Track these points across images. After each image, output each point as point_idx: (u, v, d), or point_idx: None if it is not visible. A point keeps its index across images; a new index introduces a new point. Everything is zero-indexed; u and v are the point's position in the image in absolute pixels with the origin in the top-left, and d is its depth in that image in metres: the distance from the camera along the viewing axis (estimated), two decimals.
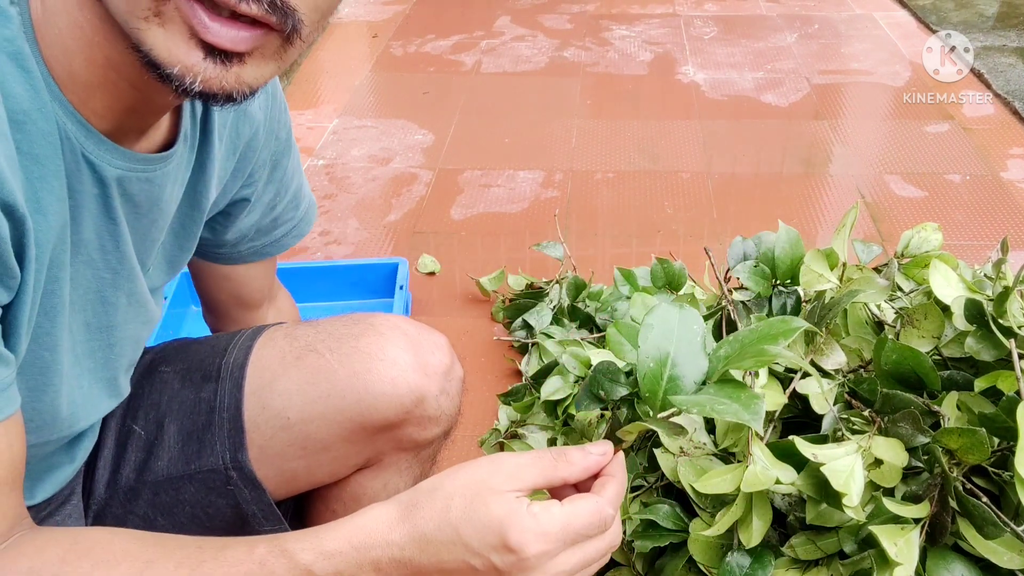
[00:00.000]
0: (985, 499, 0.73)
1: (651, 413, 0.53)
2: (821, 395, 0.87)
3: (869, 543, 0.76)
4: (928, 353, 0.83)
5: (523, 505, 0.50)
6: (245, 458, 0.72)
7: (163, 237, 0.65)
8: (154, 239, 0.63)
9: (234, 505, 0.73)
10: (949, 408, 0.81)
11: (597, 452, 0.55)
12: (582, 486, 0.56)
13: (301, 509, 0.85)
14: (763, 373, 0.88)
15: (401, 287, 1.53)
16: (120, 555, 0.50)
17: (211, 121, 0.64)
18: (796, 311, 0.99)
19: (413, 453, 0.80)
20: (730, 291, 1.02)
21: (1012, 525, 0.71)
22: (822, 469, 0.75)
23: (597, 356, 1.12)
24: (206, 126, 0.64)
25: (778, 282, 1.02)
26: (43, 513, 0.67)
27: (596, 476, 0.56)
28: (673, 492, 0.92)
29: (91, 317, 0.59)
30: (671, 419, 0.54)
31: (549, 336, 1.41)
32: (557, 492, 0.57)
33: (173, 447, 0.73)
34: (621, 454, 0.56)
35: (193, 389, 0.75)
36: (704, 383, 0.53)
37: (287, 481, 0.76)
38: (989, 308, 0.83)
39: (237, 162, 0.71)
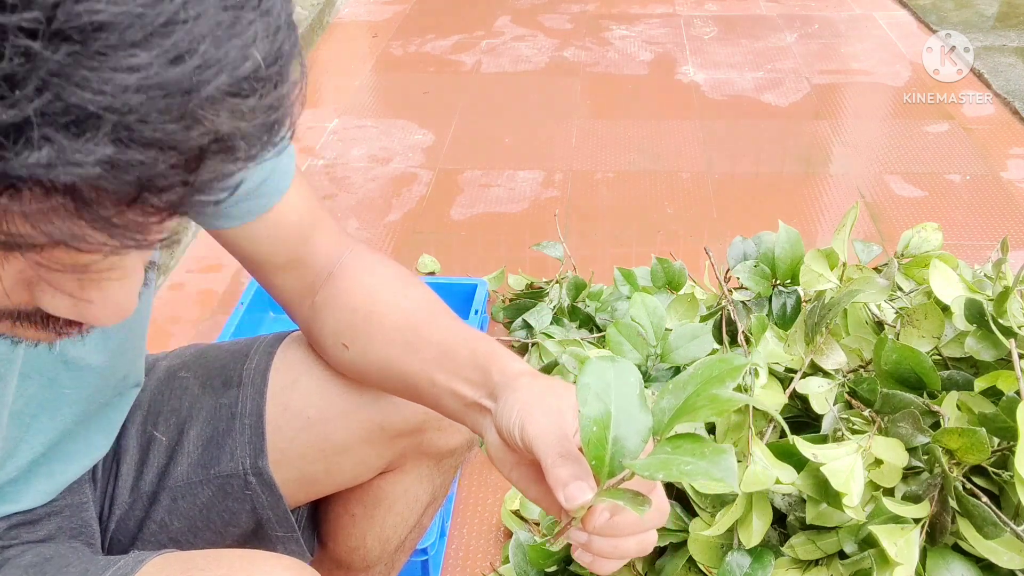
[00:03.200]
0: (985, 499, 0.73)
1: (600, 482, 0.47)
2: (821, 395, 0.87)
3: (869, 543, 0.76)
4: (928, 353, 0.83)
5: None
6: (265, 464, 0.72)
7: None
8: None
9: (250, 510, 0.73)
10: (949, 408, 0.81)
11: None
12: None
13: (317, 511, 0.85)
14: (763, 373, 0.88)
15: (477, 311, 1.45)
16: None
17: None
18: (796, 311, 0.99)
19: (435, 460, 0.80)
20: (730, 291, 1.02)
21: (1012, 525, 0.71)
22: (822, 469, 0.75)
23: (597, 356, 1.12)
24: None
25: (778, 282, 1.02)
26: (21, 527, 0.67)
27: None
28: (673, 492, 0.92)
29: None
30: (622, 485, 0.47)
31: (549, 336, 1.41)
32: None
33: (193, 452, 0.73)
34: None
35: (214, 395, 0.75)
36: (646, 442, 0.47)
37: (307, 485, 0.76)
38: (989, 308, 0.83)
39: None
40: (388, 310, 0.68)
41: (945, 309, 0.88)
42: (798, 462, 0.79)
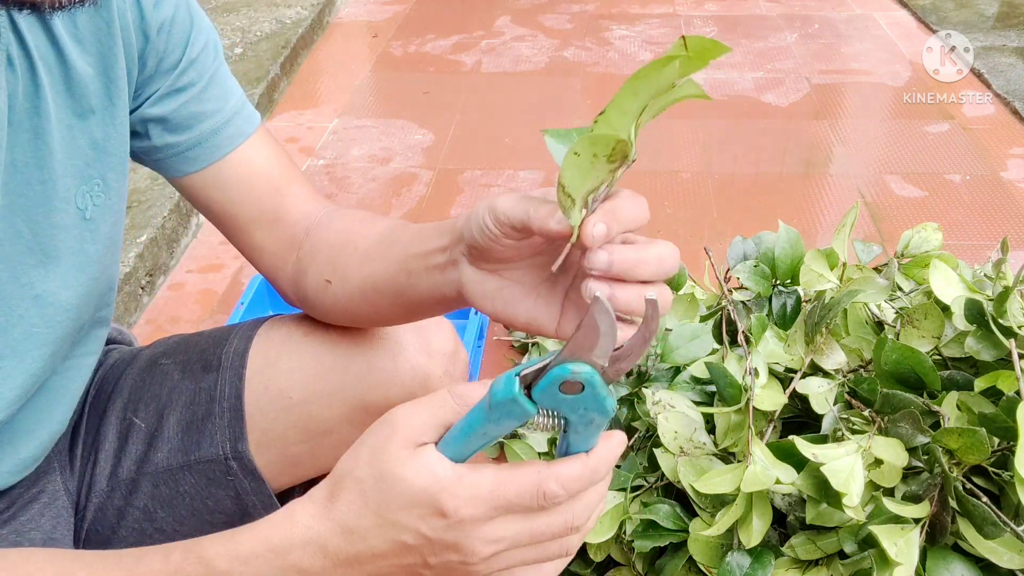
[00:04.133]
0: (985, 499, 0.73)
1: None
2: (821, 395, 0.87)
3: (869, 543, 0.76)
4: (928, 353, 0.83)
5: (445, 467, 0.44)
6: (245, 448, 0.72)
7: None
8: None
9: (234, 496, 0.73)
10: (949, 408, 0.81)
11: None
12: None
13: None
14: (763, 373, 0.88)
15: (476, 311, 1.47)
16: (35, 572, 0.48)
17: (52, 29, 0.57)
18: (796, 311, 0.99)
19: None
20: (730, 291, 1.02)
21: (1012, 525, 0.71)
22: (822, 469, 0.75)
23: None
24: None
25: (778, 282, 1.02)
26: (6, 513, 0.66)
27: None
28: (673, 492, 0.92)
29: None
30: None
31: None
32: None
33: (173, 438, 0.73)
34: (619, 436, 0.47)
35: (193, 380, 0.75)
36: None
37: (291, 467, 0.75)
38: (989, 308, 0.83)
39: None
40: (362, 237, 0.68)
41: (945, 309, 0.88)
42: (798, 462, 0.79)
